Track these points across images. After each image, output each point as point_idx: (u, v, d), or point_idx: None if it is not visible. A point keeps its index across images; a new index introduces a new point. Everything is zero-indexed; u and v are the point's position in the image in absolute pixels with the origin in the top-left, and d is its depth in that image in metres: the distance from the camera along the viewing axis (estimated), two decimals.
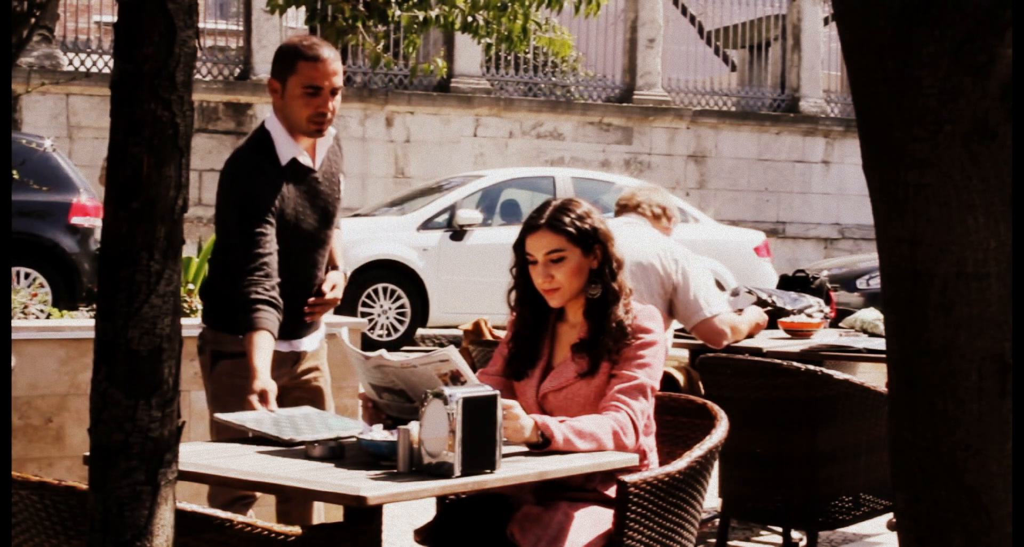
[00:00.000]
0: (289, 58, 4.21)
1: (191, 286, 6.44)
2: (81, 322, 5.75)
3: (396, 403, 3.71)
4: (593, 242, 3.82)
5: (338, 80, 4.21)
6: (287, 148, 4.27)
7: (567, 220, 3.81)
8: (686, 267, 5.48)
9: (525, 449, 3.52)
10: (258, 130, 4.34)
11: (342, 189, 4.49)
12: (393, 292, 13.09)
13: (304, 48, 4.20)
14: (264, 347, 4.04)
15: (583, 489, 3.73)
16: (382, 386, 3.71)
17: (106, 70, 15.79)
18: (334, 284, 4.43)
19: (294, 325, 4.40)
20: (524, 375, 3.90)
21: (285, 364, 4.40)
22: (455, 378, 3.50)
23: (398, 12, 11.62)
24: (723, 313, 5.63)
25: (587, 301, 3.84)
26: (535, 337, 3.92)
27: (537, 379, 3.89)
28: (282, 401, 4.48)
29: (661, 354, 3.87)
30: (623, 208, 5.80)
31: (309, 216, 4.35)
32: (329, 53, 4.22)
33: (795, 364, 5.20)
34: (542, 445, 3.51)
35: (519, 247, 3.87)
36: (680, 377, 5.97)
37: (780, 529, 5.76)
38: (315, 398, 4.49)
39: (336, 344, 5.05)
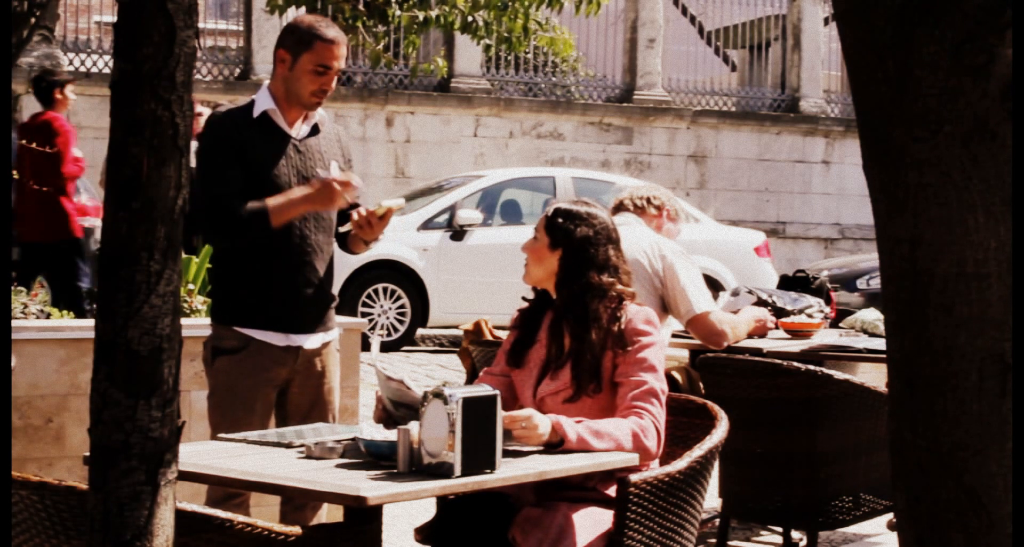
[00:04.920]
0: (307, 36, 4.36)
1: (191, 286, 6.44)
2: (81, 322, 5.75)
3: (411, 417, 3.70)
4: (560, 241, 3.89)
5: (343, 62, 4.42)
6: (264, 104, 4.39)
7: (559, 210, 3.93)
8: (674, 261, 5.48)
9: (537, 448, 3.55)
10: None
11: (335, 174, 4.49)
12: (393, 292, 13.08)
13: (322, 28, 4.38)
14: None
15: (583, 488, 3.74)
16: (400, 402, 3.70)
17: (106, 70, 15.77)
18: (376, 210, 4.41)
19: (290, 316, 4.39)
20: (522, 363, 3.94)
21: (284, 359, 4.39)
22: None
23: (398, 12, 11.61)
24: (718, 311, 5.63)
25: (557, 304, 3.90)
26: (532, 321, 3.98)
27: (536, 376, 3.90)
28: (282, 397, 4.48)
29: (662, 355, 3.89)
30: (614, 209, 5.81)
31: (285, 179, 4.36)
32: (341, 36, 4.42)
33: (795, 364, 5.20)
34: (557, 444, 3.55)
35: None
36: (680, 377, 5.97)
37: (780, 529, 5.75)
38: (316, 402, 4.47)
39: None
